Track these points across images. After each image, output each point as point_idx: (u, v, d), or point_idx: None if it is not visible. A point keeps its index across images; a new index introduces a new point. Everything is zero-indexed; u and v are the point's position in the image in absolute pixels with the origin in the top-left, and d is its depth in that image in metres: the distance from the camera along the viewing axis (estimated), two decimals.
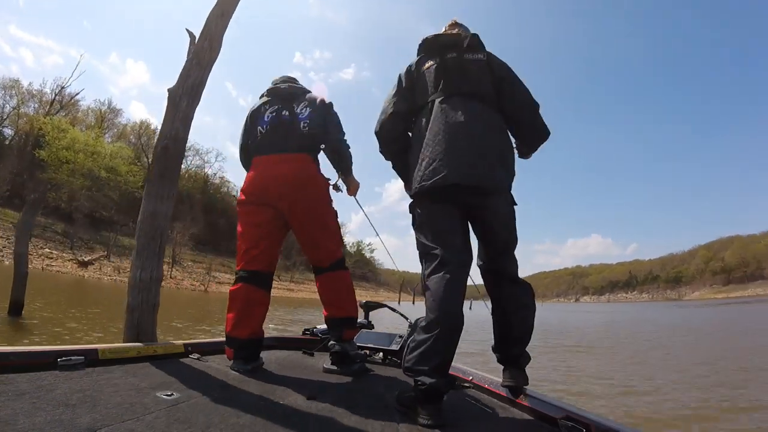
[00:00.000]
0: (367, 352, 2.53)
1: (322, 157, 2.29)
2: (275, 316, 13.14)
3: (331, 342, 2.16)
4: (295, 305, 23.89)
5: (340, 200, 2.42)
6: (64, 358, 1.54)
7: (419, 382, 1.39)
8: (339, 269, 2.20)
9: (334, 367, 2.11)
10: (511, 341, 1.65)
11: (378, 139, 1.82)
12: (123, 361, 1.77)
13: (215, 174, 58.95)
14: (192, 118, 2.55)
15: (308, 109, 2.18)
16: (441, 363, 1.40)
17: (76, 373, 1.49)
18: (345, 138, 2.27)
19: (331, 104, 2.28)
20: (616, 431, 1.21)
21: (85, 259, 28.03)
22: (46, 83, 50.95)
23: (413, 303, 48.66)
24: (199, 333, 8.01)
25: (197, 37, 2.63)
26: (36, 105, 41.26)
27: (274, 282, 2.24)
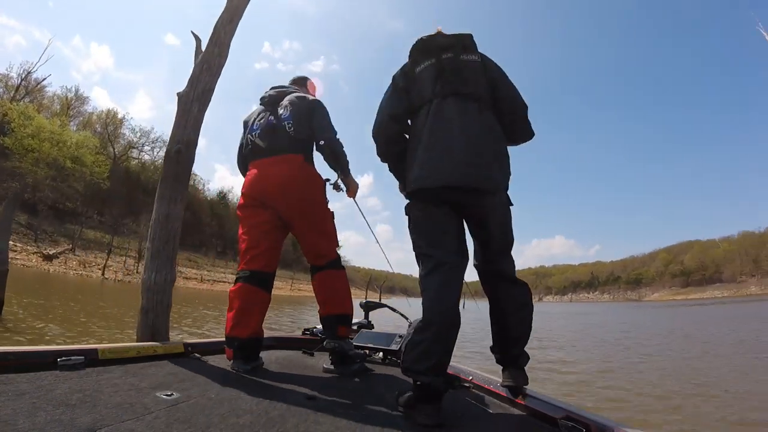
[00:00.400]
0: (367, 351, 2.53)
1: (319, 156, 2.29)
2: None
3: (327, 340, 2.17)
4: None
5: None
6: (64, 358, 1.54)
7: (418, 382, 1.41)
8: (335, 268, 2.22)
9: (334, 367, 2.12)
10: (511, 341, 1.66)
11: (376, 141, 1.81)
12: (123, 361, 1.77)
13: None
14: (202, 123, 2.61)
15: (289, 109, 2.20)
16: (438, 363, 1.42)
17: (76, 373, 1.49)
18: (335, 136, 2.22)
19: (315, 101, 2.27)
20: (616, 431, 1.22)
21: (50, 253, 27.02)
22: (12, 67, 49.45)
23: (379, 300, 49.75)
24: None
25: (205, 43, 2.69)
26: (1, 89, 39.24)
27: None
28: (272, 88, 2.39)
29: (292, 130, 2.16)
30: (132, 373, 1.62)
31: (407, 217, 1.71)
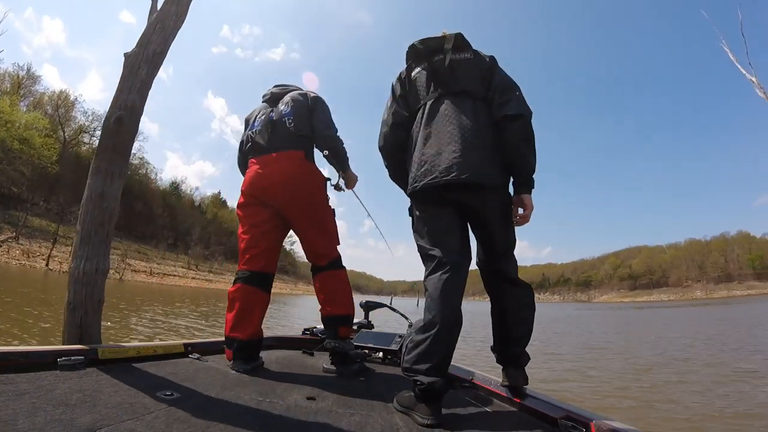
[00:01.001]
0: (367, 351, 2.54)
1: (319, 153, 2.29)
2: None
3: (327, 340, 2.17)
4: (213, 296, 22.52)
5: None
6: (64, 358, 1.54)
7: (418, 382, 1.40)
8: (336, 268, 2.21)
9: (334, 367, 2.12)
10: (512, 341, 1.65)
11: (383, 152, 1.84)
12: (123, 361, 1.77)
13: (134, 154, 55.66)
14: (150, 88, 2.25)
15: (290, 105, 2.19)
16: (439, 362, 1.41)
17: (76, 373, 1.49)
18: (335, 133, 2.22)
19: (317, 98, 2.26)
20: (616, 431, 1.21)
21: None
22: None
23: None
24: (122, 338, 6.32)
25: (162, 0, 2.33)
26: None
27: (190, 270, 2.12)
28: (275, 86, 2.40)
29: (292, 126, 2.15)
30: (132, 373, 1.62)
31: (411, 218, 1.73)
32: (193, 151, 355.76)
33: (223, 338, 2.07)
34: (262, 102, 2.37)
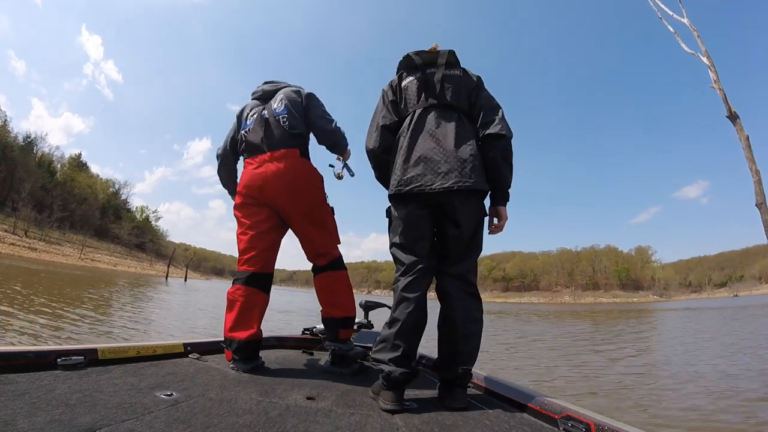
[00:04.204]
0: (367, 351, 2.52)
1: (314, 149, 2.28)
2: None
3: (327, 342, 2.18)
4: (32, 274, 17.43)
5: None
6: (64, 358, 1.54)
7: (382, 371, 1.55)
8: (337, 268, 2.21)
9: (334, 367, 2.13)
10: (459, 360, 1.61)
11: (369, 154, 1.89)
12: (123, 361, 1.77)
13: None
14: None
15: (284, 102, 2.17)
16: (400, 356, 1.56)
17: (76, 373, 1.49)
18: (335, 126, 2.21)
19: (310, 95, 2.25)
20: (616, 430, 1.20)
21: None
22: None
23: (185, 280, 48.82)
24: None
25: None
26: None
27: (14, 238, 2.03)
28: (265, 83, 2.36)
29: (286, 125, 2.13)
30: (132, 373, 1.62)
31: (387, 218, 1.82)
32: (61, 100, 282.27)
33: (222, 338, 2.07)
34: (252, 99, 2.32)
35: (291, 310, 15.38)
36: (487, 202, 1.78)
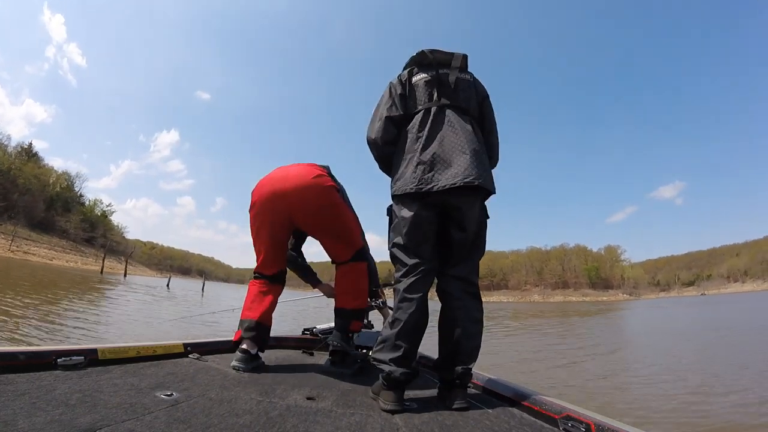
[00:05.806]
0: (367, 351, 2.52)
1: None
2: None
3: (331, 337, 2.20)
4: None
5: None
6: (64, 358, 1.54)
7: (382, 371, 1.55)
8: (358, 260, 2.27)
9: (334, 367, 2.14)
10: (459, 360, 1.62)
11: (371, 144, 1.86)
12: (123, 361, 1.77)
13: None
14: None
15: None
16: (401, 356, 1.55)
17: (76, 373, 1.49)
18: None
19: None
20: (616, 430, 1.20)
21: None
22: None
23: (124, 276, 46.98)
24: None
25: None
26: None
27: None
28: None
29: None
30: (132, 373, 1.62)
31: (389, 217, 1.81)
32: (22, 86, 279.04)
33: (222, 339, 2.14)
34: None
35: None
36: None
